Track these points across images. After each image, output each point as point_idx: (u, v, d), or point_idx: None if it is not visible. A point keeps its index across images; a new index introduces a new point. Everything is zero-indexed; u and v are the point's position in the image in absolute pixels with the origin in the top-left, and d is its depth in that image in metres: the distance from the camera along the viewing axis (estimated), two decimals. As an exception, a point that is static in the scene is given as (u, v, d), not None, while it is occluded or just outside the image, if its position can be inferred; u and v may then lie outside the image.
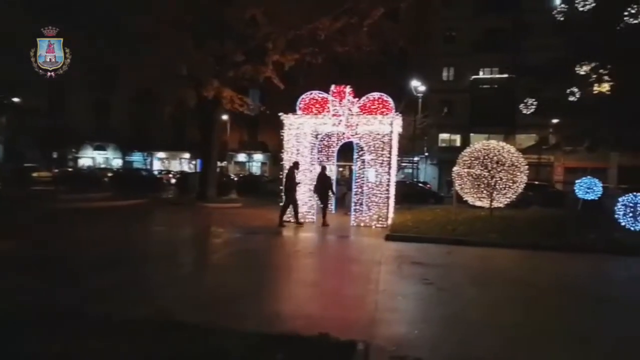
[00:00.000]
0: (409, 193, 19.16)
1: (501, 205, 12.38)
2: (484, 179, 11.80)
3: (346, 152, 15.47)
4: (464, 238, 9.14)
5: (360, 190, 12.23)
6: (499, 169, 11.55)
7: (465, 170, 12.25)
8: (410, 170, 27.21)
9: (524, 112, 12.85)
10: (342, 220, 12.35)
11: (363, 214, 11.82)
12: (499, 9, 33.85)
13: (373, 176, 12.29)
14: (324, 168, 12.86)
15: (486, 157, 11.76)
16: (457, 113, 36.09)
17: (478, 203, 12.84)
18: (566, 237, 9.30)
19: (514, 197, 12.11)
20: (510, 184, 11.67)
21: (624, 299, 5.49)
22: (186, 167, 45.14)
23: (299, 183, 11.57)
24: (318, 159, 14.93)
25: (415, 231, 9.85)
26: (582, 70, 11.36)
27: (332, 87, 12.08)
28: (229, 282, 5.46)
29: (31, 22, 15.44)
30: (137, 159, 47.54)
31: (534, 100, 12.61)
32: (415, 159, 33.05)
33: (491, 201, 11.82)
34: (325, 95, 12.23)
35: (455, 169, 12.92)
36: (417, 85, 22.50)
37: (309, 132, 13.12)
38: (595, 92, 12.12)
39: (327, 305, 4.66)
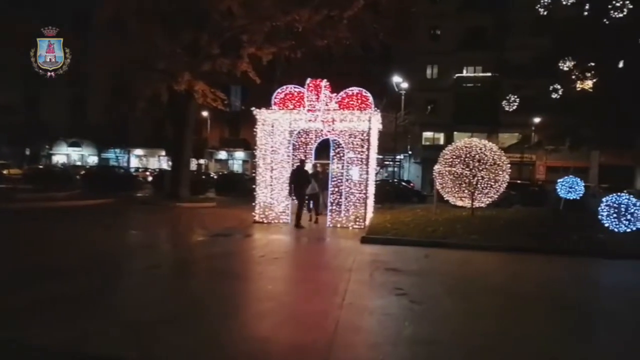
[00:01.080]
0: (391, 192, 18.72)
1: (483, 205, 11.97)
2: (465, 178, 11.35)
3: (325, 149, 14.91)
4: (443, 240, 8.64)
5: (337, 189, 11.65)
6: (480, 168, 11.12)
7: (447, 168, 11.79)
8: (393, 169, 26.77)
9: (507, 109, 12.47)
10: (320, 221, 11.75)
11: (340, 215, 11.26)
12: (482, 7, 33.72)
13: (357, 175, 11.77)
14: (302, 162, 12.26)
15: (468, 155, 11.32)
16: (441, 111, 35.91)
17: (459, 203, 12.40)
18: (549, 238, 8.90)
19: (496, 196, 11.71)
20: (492, 183, 11.26)
21: (617, 312, 5.03)
22: (165, 164, 44.00)
23: (305, 182, 10.99)
24: (295, 156, 14.37)
25: (393, 233, 9.32)
26: (566, 66, 10.98)
27: (308, 81, 11.46)
28: (169, 298, 4.80)
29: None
30: (113, 156, 46.41)
31: (516, 97, 12.21)
32: (399, 157, 32.68)
33: (472, 201, 11.38)
34: (302, 89, 11.60)
35: (436, 167, 12.46)
36: (399, 82, 22.01)
37: (284, 128, 12.49)
38: (578, 89, 11.76)
39: (280, 325, 4.05)
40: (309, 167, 12.58)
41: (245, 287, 5.28)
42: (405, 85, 21.90)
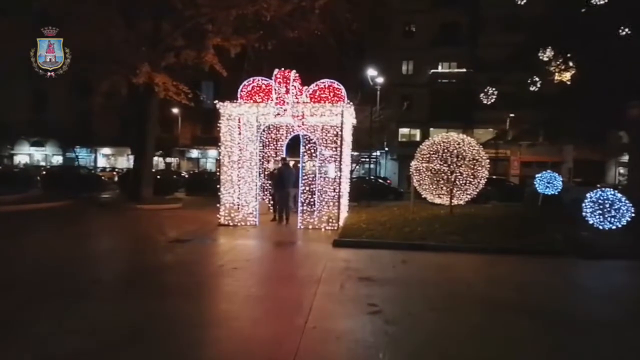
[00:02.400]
0: (368, 189, 18.11)
1: (462, 202, 11.44)
2: (443, 174, 10.78)
3: (298, 146, 14.12)
4: (421, 242, 8.00)
5: (308, 188, 10.88)
6: (459, 164, 10.56)
7: (424, 164, 11.18)
8: (369, 166, 26.22)
9: (484, 101, 11.98)
10: (291, 221, 10.96)
11: (312, 216, 10.50)
12: (455, 2, 33.57)
13: (332, 172, 11.07)
14: (285, 162, 11.48)
15: (446, 150, 10.73)
16: (417, 107, 35.62)
17: (437, 200, 11.84)
18: (531, 238, 8.40)
19: (475, 193, 11.19)
20: (471, 180, 10.72)
21: (613, 322, 4.46)
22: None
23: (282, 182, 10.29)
24: (266, 153, 13.52)
25: (368, 235, 8.63)
26: (545, 56, 10.53)
27: (276, 72, 10.62)
28: (99, 324, 3.93)
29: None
30: (79, 155, 44.39)
31: (494, 89, 11.72)
32: (375, 154, 32.20)
33: (451, 198, 10.82)
34: (270, 82, 10.74)
35: (413, 163, 11.85)
36: (374, 75, 21.40)
37: (252, 123, 11.62)
38: (557, 81, 11.36)
39: (226, 357, 3.25)
40: (272, 165, 11.90)
41: (193, 308, 4.44)
42: (380, 80, 21.31)
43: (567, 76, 11.47)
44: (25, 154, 43.52)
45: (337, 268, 6.29)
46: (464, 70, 33.60)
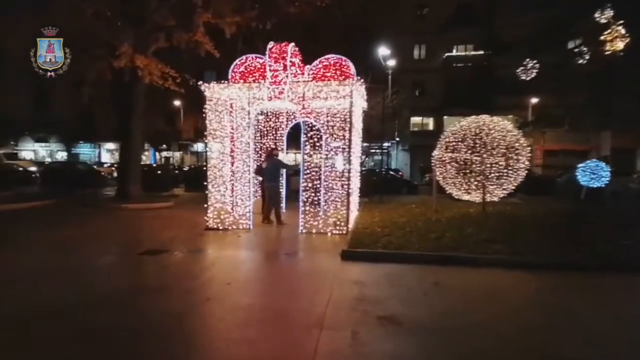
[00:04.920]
0: (379, 182, 16.35)
1: (495, 199, 9.62)
2: (473, 166, 8.96)
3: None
4: (454, 254, 6.23)
5: (311, 184, 9.16)
6: (494, 153, 8.72)
7: (449, 154, 9.36)
8: (381, 157, 24.35)
9: (523, 77, 10.11)
10: (290, 221, 9.28)
11: (316, 217, 8.78)
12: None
13: (340, 164, 9.40)
14: (273, 153, 9.83)
15: (476, 137, 8.88)
16: (430, 94, 33.54)
17: (465, 197, 10.03)
18: (595, 246, 6.58)
19: (512, 187, 9.36)
20: (509, 172, 8.88)
21: None
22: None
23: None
24: (264, 144, 11.83)
25: (386, 243, 6.89)
26: (604, 17, 8.58)
27: (270, 45, 8.86)
28: None
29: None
30: (83, 151, 43.65)
31: (535, 62, 9.80)
32: (386, 144, 30.30)
33: (484, 195, 8.98)
34: (266, 59, 9.01)
35: (435, 153, 10.04)
36: (386, 55, 19.42)
37: (244, 108, 9.91)
38: (608, 52, 9.40)
39: None
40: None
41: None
42: (392, 62, 19.37)
43: (620, 45, 9.48)
44: (30, 150, 42.98)
45: (348, 298, 4.58)
46: (482, 52, 31.32)
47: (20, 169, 22.77)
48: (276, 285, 5.24)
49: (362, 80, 8.52)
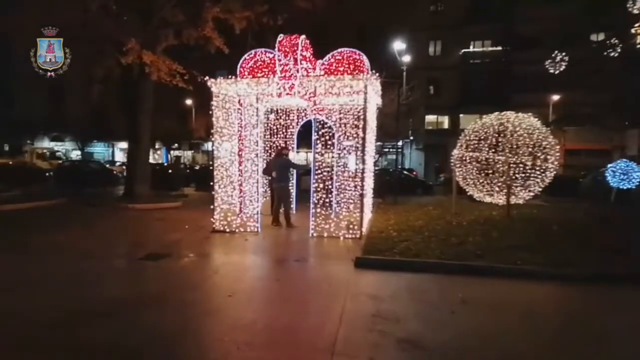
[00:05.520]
0: (393, 183, 15.77)
1: (521, 201, 8.97)
2: (497, 166, 8.33)
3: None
4: (479, 264, 5.66)
5: (322, 185, 8.66)
6: (519, 152, 8.08)
7: (470, 153, 8.75)
8: (396, 156, 23.70)
9: (551, 70, 9.41)
10: (299, 223, 8.79)
11: (328, 220, 8.27)
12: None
13: (353, 164, 8.92)
14: (282, 152, 9.37)
15: (501, 135, 8.25)
16: (445, 92, 32.71)
17: (488, 199, 9.40)
18: (637, 254, 5.94)
19: (539, 189, 8.70)
20: (536, 173, 8.23)
21: None
22: (151, 157, 41.17)
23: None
24: (274, 143, 11.39)
25: (403, 249, 6.35)
26: (636, 7, 7.87)
27: (280, 38, 8.39)
28: None
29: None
30: (97, 150, 44.06)
31: (563, 55, 9.12)
32: (400, 143, 29.61)
33: (508, 197, 8.33)
34: (276, 54, 8.54)
35: (455, 152, 9.43)
36: (401, 50, 18.78)
37: (253, 104, 9.47)
38: (640, 45, 8.67)
39: None
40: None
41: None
42: (407, 58, 18.72)
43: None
44: (46, 149, 43.58)
45: (363, 315, 4.06)
46: (500, 48, 30.35)
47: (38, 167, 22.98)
48: (283, 298, 4.75)
49: (377, 74, 7.97)
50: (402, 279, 5.31)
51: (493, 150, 8.41)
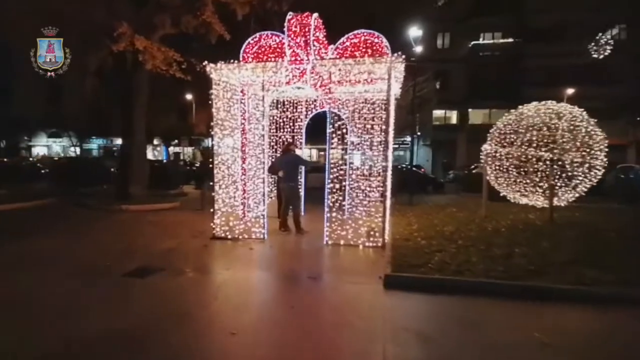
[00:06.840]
0: (408, 181, 14.70)
1: (563, 203, 7.89)
2: (538, 164, 7.25)
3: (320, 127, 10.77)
4: (538, 284, 4.58)
5: (337, 185, 7.59)
6: (567, 147, 7.00)
7: (505, 149, 7.66)
8: (410, 152, 22.60)
9: (595, 55, 8.33)
10: (312, 227, 7.73)
11: (344, 226, 7.19)
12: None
13: (371, 161, 7.88)
14: (290, 147, 8.32)
15: (542, 128, 7.17)
16: (454, 86, 31.50)
17: (524, 200, 8.32)
18: None
19: (585, 190, 7.63)
20: (584, 171, 7.16)
21: None
22: (150, 154, 40.27)
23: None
24: (280, 137, 10.33)
25: (439, 262, 5.28)
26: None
27: (289, 17, 7.29)
28: None
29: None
30: (95, 146, 43.24)
31: (608, 38, 8.00)
32: (408, 139, 28.51)
33: (551, 198, 7.24)
34: (284, 37, 7.45)
35: (485, 147, 8.35)
36: (416, 37, 17.65)
37: (258, 94, 8.41)
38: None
39: None
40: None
41: None
42: (419, 49, 17.61)
43: None
44: (43, 146, 42.77)
45: (411, 364, 3.00)
46: (511, 40, 29.13)
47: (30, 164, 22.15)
48: (302, 337, 3.64)
49: (403, 57, 6.85)
50: (448, 306, 4.25)
51: (533, 145, 7.32)
